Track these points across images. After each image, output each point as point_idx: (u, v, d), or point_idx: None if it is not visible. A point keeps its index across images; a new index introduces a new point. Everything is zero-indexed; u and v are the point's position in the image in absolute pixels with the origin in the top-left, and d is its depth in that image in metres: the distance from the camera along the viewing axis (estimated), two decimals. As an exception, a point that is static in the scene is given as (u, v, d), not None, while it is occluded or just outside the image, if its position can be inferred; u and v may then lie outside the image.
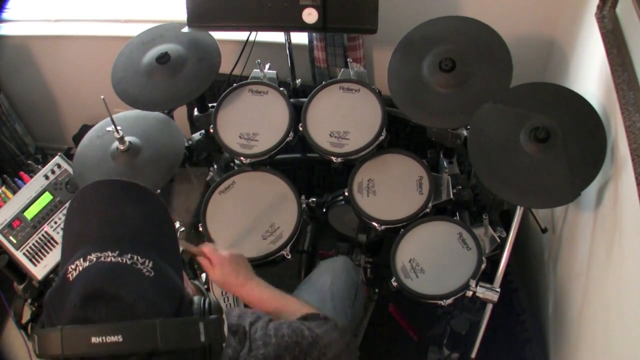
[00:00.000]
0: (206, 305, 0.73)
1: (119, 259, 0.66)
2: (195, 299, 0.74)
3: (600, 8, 1.21)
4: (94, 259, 0.66)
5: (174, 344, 0.64)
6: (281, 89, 1.60)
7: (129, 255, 0.67)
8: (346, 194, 1.52)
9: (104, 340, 0.61)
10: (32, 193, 1.63)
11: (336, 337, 0.96)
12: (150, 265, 0.68)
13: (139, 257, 0.68)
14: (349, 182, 1.53)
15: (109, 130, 1.45)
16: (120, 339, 0.61)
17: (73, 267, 0.66)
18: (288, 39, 1.68)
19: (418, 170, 1.53)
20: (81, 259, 0.66)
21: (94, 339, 0.61)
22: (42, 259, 1.58)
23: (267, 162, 1.58)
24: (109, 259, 0.66)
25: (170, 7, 2.06)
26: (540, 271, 1.75)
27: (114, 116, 1.42)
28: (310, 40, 1.86)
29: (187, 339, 0.66)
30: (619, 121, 1.04)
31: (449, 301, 1.33)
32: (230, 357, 0.82)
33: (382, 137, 1.50)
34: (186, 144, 1.64)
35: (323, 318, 1.00)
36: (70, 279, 0.65)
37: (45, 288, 1.57)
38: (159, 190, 1.51)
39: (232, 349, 0.84)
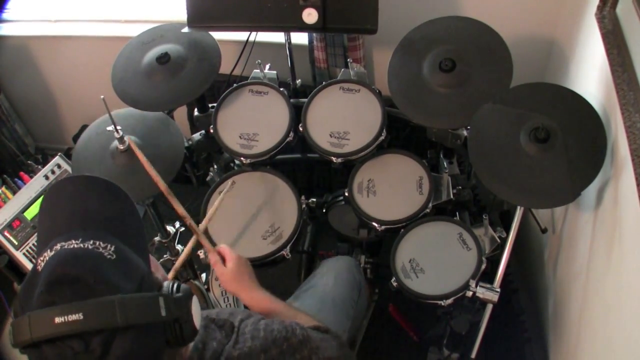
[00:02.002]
0: (174, 288, 0.74)
1: (82, 244, 0.69)
2: (165, 283, 0.75)
3: (601, 8, 1.21)
4: (59, 248, 0.69)
5: (133, 319, 0.66)
6: (281, 89, 1.60)
7: (91, 241, 0.70)
8: (346, 194, 1.52)
9: (66, 319, 0.63)
10: (32, 193, 1.63)
11: (334, 345, 0.95)
12: (112, 249, 0.70)
13: (100, 242, 0.70)
14: (349, 182, 1.53)
15: (109, 130, 1.45)
16: (81, 317, 0.63)
17: (42, 258, 0.69)
18: (288, 39, 1.68)
19: (418, 171, 1.53)
20: (48, 250, 0.69)
21: (57, 319, 0.63)
22: (42, 259, 1.58)
23: (267, 163, 1.58)
24: (72, 246, 0.69)
25: (170, 7, 2.06)
26: (540, 271, 1.75)
27: (113, 114, 1.42)
28: (310, 41, 1.86)
29: (147, 313, 0.68)
30: (619, 121, 1.04)
31: (449, 301, 1.33)
32: (214, 350, 0.83)
33: (382, 138, 1.50)
34: (186, 144, 1.64)
35: (324, 331, 1.00)
36: (39, 270, 0.68)
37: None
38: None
39: (217, 342, 0.85)
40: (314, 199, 1.64)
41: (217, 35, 1.61)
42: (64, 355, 0.64)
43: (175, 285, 0.75)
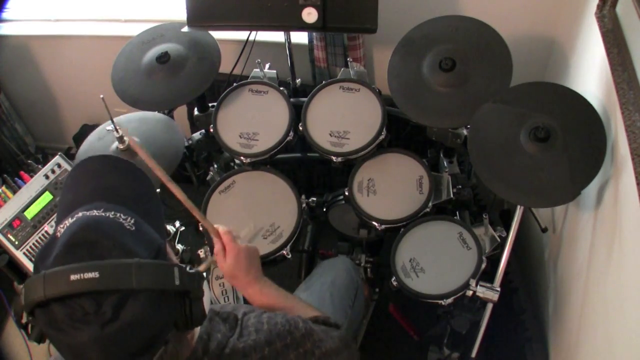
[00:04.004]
0: (187, 267, 0.76)
1: (103, 213, 0.71)
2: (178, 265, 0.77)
3: (600, 7, 1.21)
4: (80, 215, 0.70)
5: (148, 284, 0.67)
6: (281, 88, 1.60)
7: (112, 212, 0.71)
8: (346, 193, 1.52)
9: (82, 277, 0.64)
10: (32, 193, 1.63)
11: (334, 336, 0.96)
12: (132, 221, 0.72)
13: (121, 215, 0.72)
14: (349, 181, 1.53)
15: (108, 130, 1.45)
16: (97, 275, 0.64)
17: (62, 225, 0.70)
18: (288, 38, 1.68)
19: (418, 170, 1.53)
20: (69, 218, 0.71)
21: (72, 277, 0.64)
22: (42, 258, 1.58)
23: (267, 162, 1.58)
24: (93, 214, 0.71)
25: (170, 7, 2.06)
26: (540, 271, 1.75)
27: (114, 118, 1.42)
28: (310, 40, 1.86)
29: (161, 280, 0.69)
30: (619, 120, 1.04)
31: (449, 301, 1.33)
32: (219, 342, 0.84)
33: (382, 137, 1.50)
34: (186, 144, 1.65)
35: (324, 321, 1.00)
36: (58, 236, 0.69)
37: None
38: (158, 190, 1.51)
39: (222, 334, 0.85)
40: (314, 199, 1.64)
41: (217, 34, 1.61)
42: (73, 315, 0.64)
43: (188, 266, 0.76)
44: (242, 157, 1.53)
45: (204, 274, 0.83)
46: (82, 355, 0.65)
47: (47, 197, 1.63)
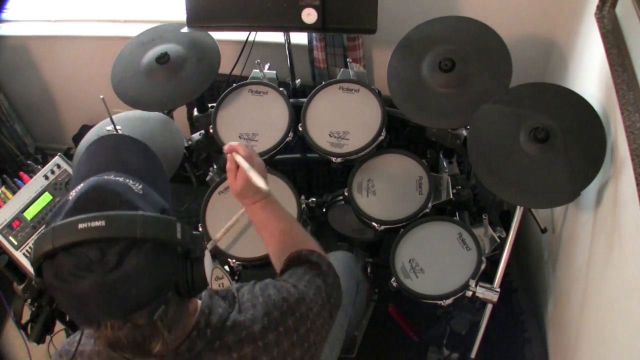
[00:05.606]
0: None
1: (113, 178, 0.76)
2: None
3: (600, 8, 1.21)
4: (91, 179, 0.75)
5: (151, 234, 0.70)
6: (281, 89, 1.60)
7: (122, 178, 0.77)
8: (346, 194, 1.52)
9: (89, 225, 0.67)
10: (32, 193, 1.62)
11: (319, 283, 0.97)
12: (140, 187, 0.77)
13: (131, 180, 0.77)
14: (348, 182, 1.53)
15: (108, 130, 1.45)
16: (103, 224, 0.67)
17: (75, 190, 0.74)
18: (287, 39, 1.68)
19: (418, 171, 1.53)
20: (82, 184, 0.75)
21: (80, 225, 0.67)
22: (41, 259, 1.57)
23: (266, 162, 1.58)
24: (104, 178, 0.76)
25: (170, 8, 2.06)
26: (540, 271, 1.75)
27: (113, 116, 1.42)
28: (310, 41, 1.86)
29: (164, 232, 0.72)
30: (619, 121, 1.04)
31: (449, 301, 1.33)
32: (220, 315, 0.86)
33: (381, 137, 1.50)
34: (186, 144, 1.64)
35: (309, 261, 1.00)
36: (70, 198, 0.74)
37: (45, 288, 1.57)
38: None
39: (223, 309, 0.88)
40: (314, 199, 1.64)
41: (217, 35, 1.61)
42: (79, 264, 0.67)
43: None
44: (241, 158, 1.53)
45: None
46: (83, 304, 0.68)
47: (46, 197, 1.62)
